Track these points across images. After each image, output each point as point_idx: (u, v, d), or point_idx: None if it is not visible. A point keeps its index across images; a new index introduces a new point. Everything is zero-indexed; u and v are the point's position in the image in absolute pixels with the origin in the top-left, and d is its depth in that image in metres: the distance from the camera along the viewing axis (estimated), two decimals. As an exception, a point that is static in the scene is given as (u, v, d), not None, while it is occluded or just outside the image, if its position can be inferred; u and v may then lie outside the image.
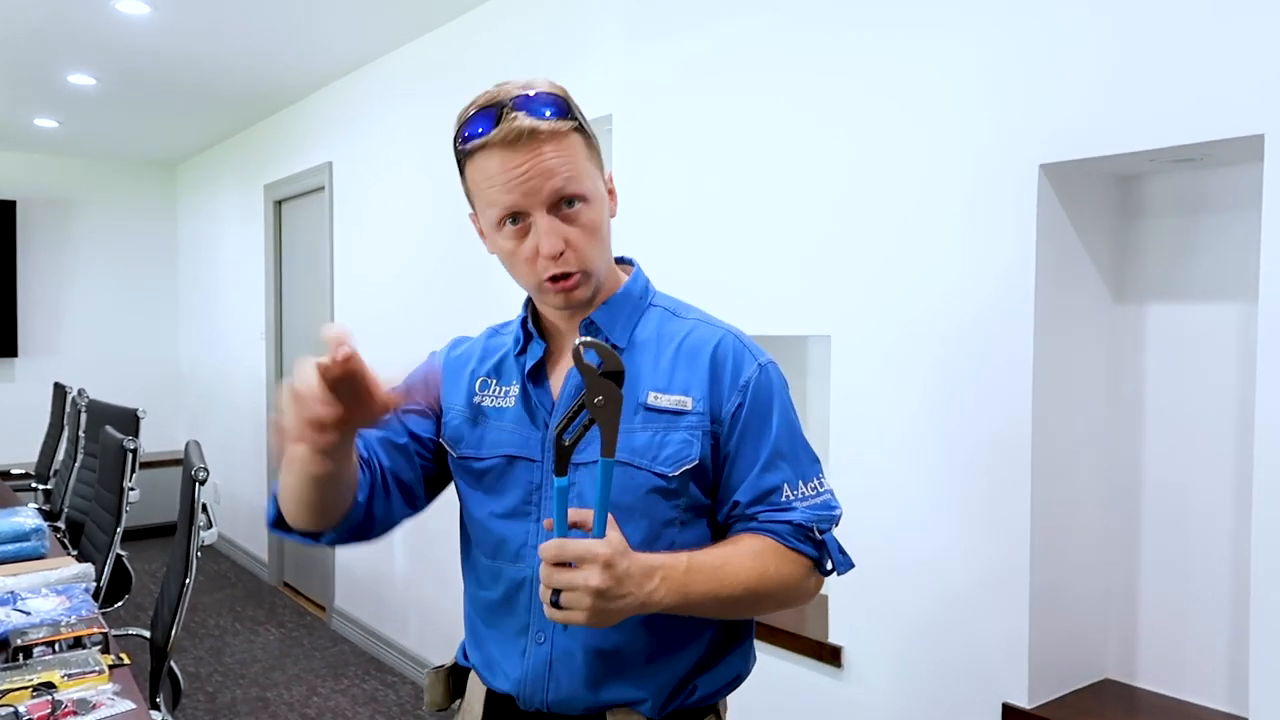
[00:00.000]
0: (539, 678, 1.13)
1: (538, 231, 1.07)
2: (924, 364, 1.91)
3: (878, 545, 1.97)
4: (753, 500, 1.12)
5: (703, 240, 2.37)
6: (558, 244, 1.06)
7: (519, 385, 1.19)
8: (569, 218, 1.08)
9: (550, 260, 1.07)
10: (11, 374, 6.03)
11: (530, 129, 1.04)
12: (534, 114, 1.05)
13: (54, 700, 1.51)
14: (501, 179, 1.06)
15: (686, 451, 1.10)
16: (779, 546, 1.11)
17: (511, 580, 1.16)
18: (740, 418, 1.12)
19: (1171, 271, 1.78)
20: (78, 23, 3.49)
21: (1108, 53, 1.61)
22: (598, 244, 1.11)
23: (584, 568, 0.96)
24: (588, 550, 0.96)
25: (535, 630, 1.14)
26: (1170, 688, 1.78)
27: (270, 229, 5.11)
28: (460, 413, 1.22)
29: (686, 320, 1.19)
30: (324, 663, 4.02)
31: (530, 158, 1.04)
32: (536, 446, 1.15)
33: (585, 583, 0.95)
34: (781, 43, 2.19)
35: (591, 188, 1.09)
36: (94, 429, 3.80)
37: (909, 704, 1.97)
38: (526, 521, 1.14)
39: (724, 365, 1.14)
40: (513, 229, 1.08)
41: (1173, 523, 1.78)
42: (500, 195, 1.06)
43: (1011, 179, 1.75)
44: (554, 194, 1.06)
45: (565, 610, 0.97)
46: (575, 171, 1.07)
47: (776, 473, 1.12)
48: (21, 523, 2.49)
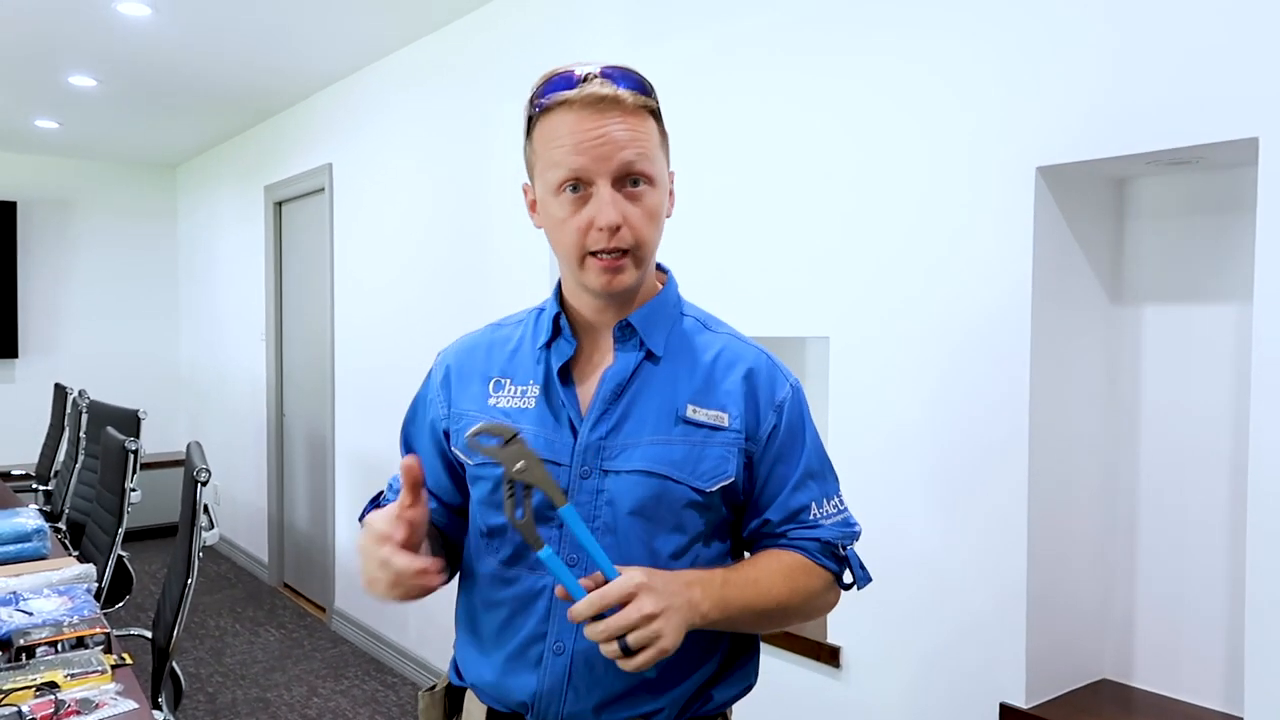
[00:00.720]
0: (557, 687, 1.09)
1: (599, 200, 1.02)
2: (922, 365, 1.92)
3: (875, 546, 1.97)
4: (784, 519, 1.14)
5: (702, 241, 2.38)
6: (616, 216, 1.02)
7: (539, 385, 1.13)
8: (633, 196, 1.04)
9: (604, 232, 1.03)
10: (12, 375, 6.04)
11: (612, 96, 1.02)
12: (617, 84, 1.03)
13: (57, 700, 1.52)
14: (571, 140, 1.02)
15: (723, 468, 1.10)
16: (806, 562, 1.13)
17: (529, 588, 1.11)
18: (776, 438, 1.13)
19: (1167, 273, 1.79)
20: (79, 24, 3.50)
21: (1104, 56, 1.62)
22: (655, 230, 1.08)
23: (631, 603, 0.94)
24: (622, 587, 0.94)
25: (554, 640, 1.10)
26: (1166, 688, 1.78)
27: (270, 230, 5.11)
28: (474, 418, 1.14)
29: (719, 335, 1.18)
30: (324, 663, 4.02)
31: (607, 123, 1.02)
32: (565, 450, 1.10)
33: (642, 612, 0.93)
34: (781, 43, 2.19)
35: (659, 173, 1.07)
36: (95, 430, 3.81)
37: (907, 704, 1.97)
38: (549, 527, 1.08)
39: (759, 385, 1.13)
40: (571, 196, 1.04)
41: (1169, 523, 1.79)
42: (567, 156, 1.02)
43: (1008, 181, 1.76)
44: (623, 166, 1.03)
45: (642, 651, 0.94)
46: (647, 150, 1.04)
47: (806, 492, 1.14)
48: (23, 523, 2.49)
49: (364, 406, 4.14)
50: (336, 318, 4.40)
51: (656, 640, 0.94)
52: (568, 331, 1.14)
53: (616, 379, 1.11)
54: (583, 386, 1.13)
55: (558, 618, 1.09)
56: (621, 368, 1.12)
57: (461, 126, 3.40)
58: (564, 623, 1.07)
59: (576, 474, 1.09)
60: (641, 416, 1.10)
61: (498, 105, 3.16)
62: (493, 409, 1.15)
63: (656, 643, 0.94)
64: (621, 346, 1.13)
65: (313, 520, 4.83)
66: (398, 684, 3.80)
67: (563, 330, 1.14)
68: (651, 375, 1.12)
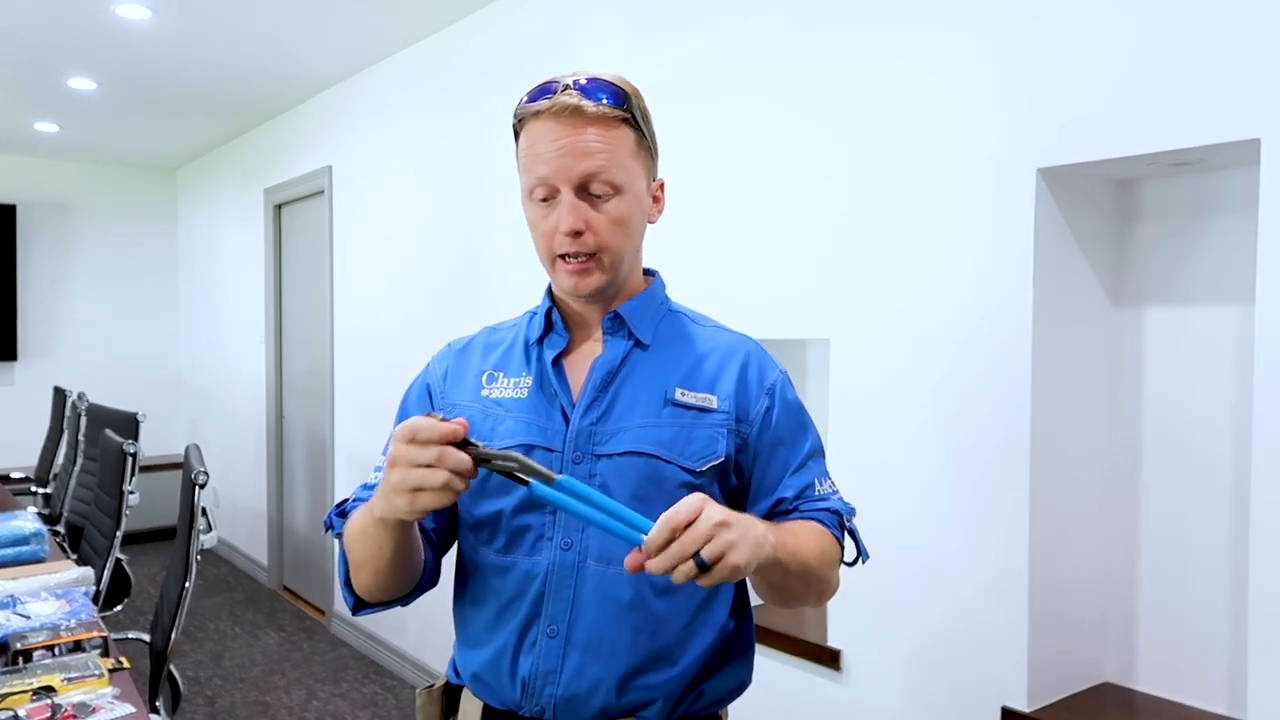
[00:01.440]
0: (551, 669, 1.10)
1: (561, 206, 1.08)
2: (922, 367, 1.92)
3: (876, 548, 1.96)
4: (795, 495, 1.17)
5: (702, 242, 2.37)
6: (577, 222, 1.08)
7: (532, 376, 1.17)
8: (595, 204, 1.09)
9: (567, 237, 1.09)
10: (11, 378, 6.03)
11: (576, 106, 1.06)
12: (586, 95, 1.07)
13: (54, 704, 1.51)
14: (539, 149, 1.08)
15: (712, 448, 1.12)
16: (826, 530, 1.16)
17: (526, 573, 1.13)
18: (772, 419, 1.17)
19: (1169, 275, 1.78)
20: (79, 27, 3.50)
21: (1106, 57, 1.62)
22: (622, 236, 1.11)
23: (700, 516, 0.90)
24: (687, 507, 0.90)
25: (548, 623, 1.11)
26: (1169, 691, 1.78)
27: (270, 233, 5.11)
28: (467, 407, 1.19)
29: (707, 327, 1.23)
30: (323, 666, 4.02)
31: (571, 135, 1.06)
32: (557, 437, 1.13)
33: (713, 521, 0.90)
34: (781, 44, 2.19)
35: (626, 181, 1.10)
36: (94, 433, 3.81)
37: (908, 707, 1.97)
38: (543, 513, 1.11)
39: (749, 369, 1.18)
40: (541, 202, 1.10)
41: (1171, 526, 1.78)
42: (535, 165, 1.08)
43: (1009, 183, 1.76)
44: (584, 176, 1.07)
45: (719, 564, 0.90)
46: (613, 161, 1.08)
47: (809, 471, 1.19)
48: (21, 526, 2.49)
49: (363, 409, 4.13)
50: (336, 321, 4.40)
51: (730, 551, 0.91)
52: (560, 325, 1.19)
53: (606, 367, 1.16)
54: (574, 376, 1.17)
55: (552, 600, 1.11)
56: (611, 356, 1.16)
57: (461, 129, 3.40)
58: (558, 605, 1.11)
59: (569, 459, 1.12)
60: (631, 401, 1.14)
61: (498, 107, 3.16)
62: (485, 399, 1.18)
63: (730, 555, 0.90)
64: (611, 337, 1.18)
65: (312, 523, 4.82)
66: (397, 687, 3.79)
67: (555, 324, 1.19)
68: (640, 362, 1.16)
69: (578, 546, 1.11)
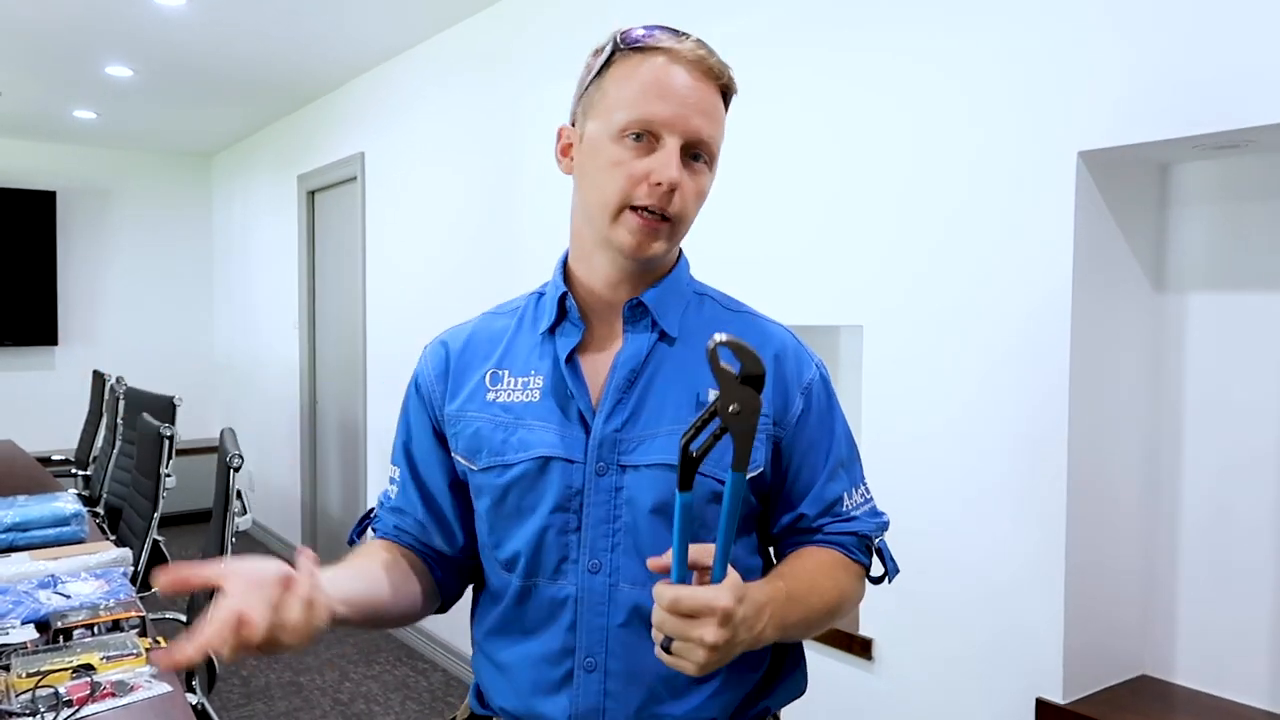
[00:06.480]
0: (594, 709, 1.01)
1: (665, 154, 0.96)
2: (958, 354, 1.89)
3: (909, 537, 1.95)
4: (820, 513, 1.07)
5: (735, 229, 2.35)
6: (677, 174, 0.96)
7: (543, 375, 1.04)
8: (692, 169, 0.99)
9: (659, 188, 0.96)
10: (52, 362, 6.14)
11: (717, 66, 0.99)
12: (715, 56, 1.01)
13: (93, 681, 1.53)
14: (658, 88, 0.96)
15: (753, 456, 1.02)
16: (844, 559, 1.07)
17: (551, 599, 1.02)
18: (806, 423, 1.06)
19: (1213, 260, 1.74)
20: (115, 16, 3.54)
21: (1149, 36, 1.58)
22: (695, 210, 1.02)
23: (702, 620, 0.83)
24: (707, 606, 0.83)
25: (584, 655, 1.01)
26: (1209, 685, 1.74)
27: (303, 219, 5.15)
28: (473, 418, 1.06)
29: (740, 314, 1.11)
30: (356, 649, 4.06)
31: (701, 89, 0.98)
32: (578, 446, 1.01)
33: (701, 638, 0.83)
34: (828, 22, 2.16)
35: (715, 156, 1.02)
36: (131, 416, 3.86)
37: (941, 698, 1.95)
38: (565, 533, 1.01)
39: (786, 366, 1.06)
40: (634, 143, 0.97)
41: (1213, 516, 1.74)
42: (648, 101, 0.96)
43: (1049, 166, 1.72)
44: (697, 133, 0.98)
45: (675, 658, 0.85)
46: (718, 133, 1.01)
47: (838, 482, 1.08)
48: (61, 507, 2.53)
49: (395, 393, 4.14)
50: (368, 305, 4.42)
51: (689, 665, 0.85)
52: (575, 313, 1.05)
53: (630, 364, 1.03)
54: (592, 374, 1.04)
55: (584, 630, 1.01)
56: (634, 351, 1.04)
57: (493, 114, 3.40)
58: (593, 635, 1.01)
59: (592, 471, 1.00)
60: (659, 405, 1.01)
61: (530, 92, 3.15)
62: (491, 404, 1.05)
63: (686, 666, 0.85)
64: (632, 328, 1.05)
65: (345, 505, 4.87)
66: (428, 670, 3.82)
67: (569, 312, 1.06)
68: (667, 358, 1.04)
69: (607, 568, 1.00)
